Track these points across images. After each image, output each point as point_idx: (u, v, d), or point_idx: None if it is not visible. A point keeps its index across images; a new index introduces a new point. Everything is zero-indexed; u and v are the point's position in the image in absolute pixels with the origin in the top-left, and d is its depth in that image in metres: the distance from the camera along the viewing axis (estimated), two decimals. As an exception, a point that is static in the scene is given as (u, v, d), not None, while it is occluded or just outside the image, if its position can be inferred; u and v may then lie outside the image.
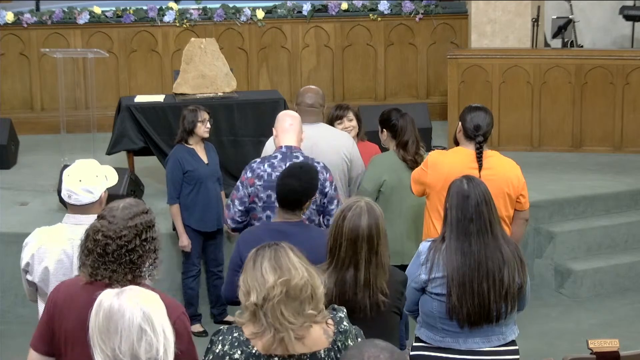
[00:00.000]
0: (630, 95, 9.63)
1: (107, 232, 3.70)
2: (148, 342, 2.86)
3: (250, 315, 3.40)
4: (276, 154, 5.53)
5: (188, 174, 7.10)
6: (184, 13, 10.81)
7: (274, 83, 10.88)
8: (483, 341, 4.44)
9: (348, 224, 4.11)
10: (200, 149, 7.20)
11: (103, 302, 2.93)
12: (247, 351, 3.42)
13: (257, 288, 3.37)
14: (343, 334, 3.51)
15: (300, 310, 3.38)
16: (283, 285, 3.35)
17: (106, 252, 3.69)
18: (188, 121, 7.11)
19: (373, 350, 2.72)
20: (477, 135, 5.42)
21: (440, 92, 10.88)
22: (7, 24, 10.60)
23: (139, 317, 2.87)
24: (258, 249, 3.47)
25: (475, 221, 4.35)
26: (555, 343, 6.95)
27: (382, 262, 4.15)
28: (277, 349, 3.41)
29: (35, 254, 4.44)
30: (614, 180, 8.85)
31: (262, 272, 3.38)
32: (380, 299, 4.13)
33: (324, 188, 5.43)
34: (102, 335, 2.89)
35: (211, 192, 7.18)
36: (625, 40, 12.39)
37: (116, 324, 2.87)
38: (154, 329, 2.88)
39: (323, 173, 5.45)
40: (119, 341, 2.86)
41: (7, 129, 9.57)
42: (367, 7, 11.02)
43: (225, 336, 3.46)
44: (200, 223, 7.17)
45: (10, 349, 6.94)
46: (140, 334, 2.86)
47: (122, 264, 3.70)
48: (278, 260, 3.41)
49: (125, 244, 3.70)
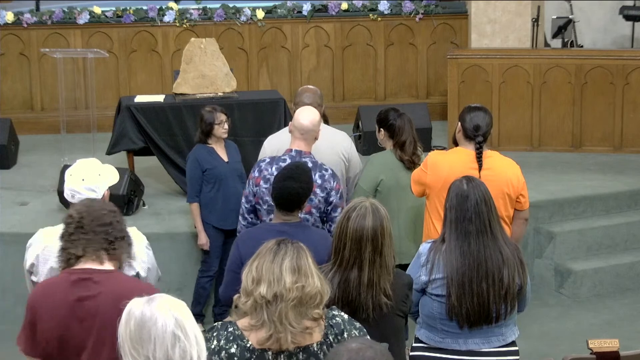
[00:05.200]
0: (630, 95, 9.63)
1: (81, 211, 3.89)
2: (182, 348, 2.88)
3: (252, 304, 3.39)
4: (285, 157, 5.52)
5: (207, 172, 7.14)
6: (184, 13, 10.81)
7: (274, 83, 10.88)
8: (483, 342, 4.44)
9: (352, 224, 4.12)
10: (220, 147, 7.24)
11: (133, 310, 2.94)
12: (242, 345, 3.42)
13: (271, 282, 3.36)
14: (335, 327, 3.51)
15: (303, 315, 3.38)
16: (299, 291, 3.35)
17: (81, 226, 3.84)
18: (206, 123, 7.16)
19: (354, 346, 2.74)
20: (477, 136, 5.42)
21: (440, 92, 10.88)
22: (7, 24, 10.60)
23: (171, 323, 2.89)
24: (280, 242, 3.46)
25: (474, 221, 4.35)
26: (555, 343, 6.95)
27: (386, 263, 4.15)
28: (272, 344, 3.41)
29: (40, 255, 4.46)
30: (614, 180, 8.85)
31: (282, 269, 3.37)
32: (382, 301, 4.13)
33: (329, 197, 5.42)
34: (135, 343, 2.90)
35: (231, 190, 7.19)
36: (625, 40, 12.39)
37: (149, 331, 2.88)
38: (186, 334, 2.90)
39: (330, 182, 5.44)
40: (153, 348, 2.88)
41: (7, 129, 9.56)
42: (367, 7, 11.02)
43: (220, 331, 3.47)
44: (220, 221, 7.20)
45: (11, 350, 6.93)
46: (174, 340, 2.88)
47: (98, 234, 3.83)
48: (299, 262, 3.40)
49: (101, 216, 3.86)
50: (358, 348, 2.73)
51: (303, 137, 5.58)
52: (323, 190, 5.43)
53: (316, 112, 5.73)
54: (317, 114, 5.70)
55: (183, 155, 8.31)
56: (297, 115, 5.65)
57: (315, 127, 5.62)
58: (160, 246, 7.36)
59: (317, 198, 5.40)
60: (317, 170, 5.45)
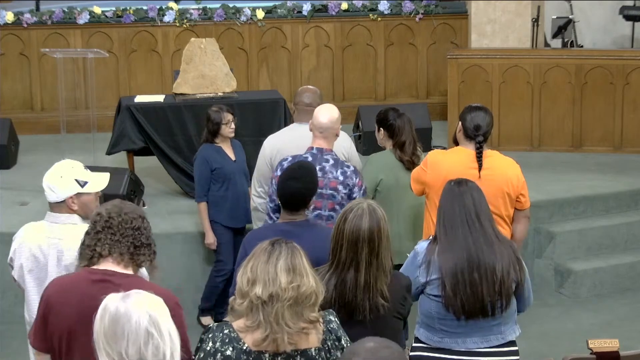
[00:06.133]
0: (630, 95, 9.63)
1: (111, 211, 3.86)
2: (155, 345, 2.87)
3: (248, 305, 3.39)
4: (307, 155, 5.57)
5: (216, 171, 7.15)
6: (184, 13, 10.81)
7: (274, 83, 10.88)
8: (482, 341, 4.44)
9: (349, 225, 4.11)
10: (227, 146, 7.25)
11: (108, 306, 2.93)
12: (238, 347, 3.41)
13: (266, 282, 3.36)
14: (332, 333, 3.52)
15: (299, 315, 3.38)
16: (294, 291, 3.35)
17: (109, 226, 3.82)
18: (213, 122, 7.17)
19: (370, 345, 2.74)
20: (477, 135, 5.42)
21: (440, 92, 10.88)
22: (7, 24, 10.60)
23: (145, 320, 2.87)
24: (274, 242, 3.46)
25: (459, 215, 4.39)
26: (555, 343, 6.95)
27: (383, 265, 4.14)
28: (268, 345, 3.40)
29: (17, 250, 4.54)
30: (614, 180, 8.85)
31: (276, 269, 3.37)
32: (379, 302, 4.13)
33: (352, 193, 5.49)
34: (108, 339, 2.89)
35: (239, 188, 7.21)
36: (625, 40, 12.38)
37: (123, 327, 2.87)
38: (160, 332, 2.88)
39: (352, 178, 5.52)
40: (125, 345, 2.86)
41: (7, 129, 9.56)
42: (367, 7, 11.02)
43: (216, 333, 3.46)
44: (229, 219, 7.20)
45: (11, 349, 6.94)
46: (147, 337, 2.86)
47: (126, 237, 3.82)
48: (293, 261, 3.40)
49: (130, 220, 3.84)
50: (375, 347, 2.72)
51: (323, 135, 5.63)
52: (346, 187, 5.51)
53: (335, 109, 5.77)
54: (336, 111, 5.75)
55: (183, 155, 8.31)
56: (316, 113, 5.69)
57: (334, 125, 5.67)
58: (160, 246, 7.34)
59: (340, 195, 5.47)
60: (339, 167, 5.53)
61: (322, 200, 5.50)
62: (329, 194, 5.52)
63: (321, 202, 5.49)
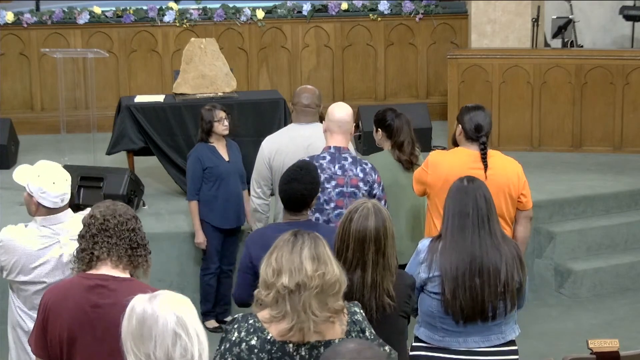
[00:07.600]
0: (630, 95, 9.63)
1: (105, 213, 3.84)
2: (183, 346, 2.86)
3: (274, 295, 3.39)
4: (325, 155, 5.57)
5: (208, 171, 7.14)
6: (184, 13, 10.82)
7: (274, 83, 10.89)
8: (482, 340, 4.44)
9: (355, 225, 4.12)
10: (221, 146, 7.24)
11: (135, 307, 2.92)
12: (263, 337, 3.43)
13: (292, 271, 3.37)
14: (357, 324, 3.53)
15: (324, 304, 3.39)
16: (320, 279, 3.36)
17: (105, 229, 3.81)
18: (205, 121, 7.17)
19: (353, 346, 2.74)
20: (480, 136, 5.41)
21: (440, 92, 10.88)
22: (7, 24, 10.60)
23: (172, 321, 2.86)
24: (296, 232, 3.48)
25: (472, 217, 4.36)
26: (555, 343, 6.94)
27: (389, 264, 4.16)
28: (293, 335, 3.42)
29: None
30: (614, 180, 8.85)
31: (301, 258, 3.39)
32: (386, 302, 4.14)
33: (372, 190, 5.53)
34: (136, 340, 2.88)
35: (232, 189, 7.20)
36: (625, 40, 12.39)
37: (150, 329, 2.86)
38: (188, 333, 2.88)
39: (372, 175, 5.56)
40: (153, 346, 2.85)
41: (7, 129, 9.56)
42: (367, 7, 11.02)
43: (241, 323, 3.48)
44: (220, 220, 7.19)
45: (10, 349, 6.93)
46: (174, 338, 2.86)
47: (123, 239, 3.80)
48: (317, 250, 3.43)
49: (125, 221, 3.83)
50: (358, 349, 2.73)
51: (341, 131, 5.63)
52: (366, 184, 5.54)
53: (348, 106, 5.80)
54: (350, 107, 5.78)
55: (183, 155, 8.31)
56: (331, 110, 5.70)
57: (351, 119, 5.71)
58: (160, 246, 7.37)
59: (361, 192, 5.50)
60: (358, 165, 5.56)
61: (344, 198, 5.49)
62: (350, 191, 5.53)
63: (343, 201, 5.49)
